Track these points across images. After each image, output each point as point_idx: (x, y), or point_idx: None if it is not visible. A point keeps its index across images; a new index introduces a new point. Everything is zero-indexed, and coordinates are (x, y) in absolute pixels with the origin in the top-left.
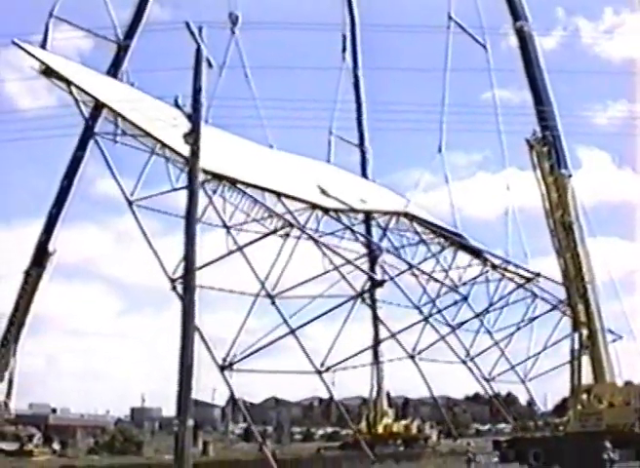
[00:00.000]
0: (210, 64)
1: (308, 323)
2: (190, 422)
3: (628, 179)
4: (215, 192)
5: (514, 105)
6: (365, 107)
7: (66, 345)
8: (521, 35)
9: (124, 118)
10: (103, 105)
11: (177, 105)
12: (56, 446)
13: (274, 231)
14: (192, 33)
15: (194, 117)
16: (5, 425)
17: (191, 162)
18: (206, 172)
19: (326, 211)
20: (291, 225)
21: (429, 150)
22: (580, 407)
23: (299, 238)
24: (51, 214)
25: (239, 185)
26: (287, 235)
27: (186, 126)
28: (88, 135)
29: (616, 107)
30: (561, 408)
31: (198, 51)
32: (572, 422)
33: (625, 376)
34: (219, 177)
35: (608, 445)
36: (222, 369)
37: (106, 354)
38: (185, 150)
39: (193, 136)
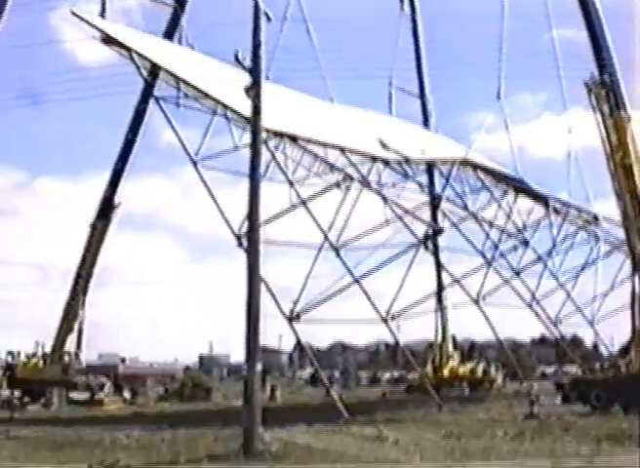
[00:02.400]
0: (268, 18)
1: (372, 272)
2: (259, 367)
3: None
4: (276, 149)
5: (578, 44)
6: (424, 57)
7: (133, 295)
8: None
9: (185, 82)
10: (164, 70)
11: (237, 60)
12: (126, 394)
13: (336, 185)
14: None
15: (255, 71)
16: (76, 375)
17: (253, 116)
18: (267, 130)
19: (386, 162)
20: (351, 178)
21: (492, 94)
22: None
23: (360, 190)
24: (116, 168)
25: (300, 141)
26: (348, 188)
27: (248, 83)
28: (150, 99)
29: None
30: (627, 350)
31: (256, 5)
32: (633, 363)
33: None
34: (279, 135)
35: None
36: (290, 319)
37: (173, 303)
38: (245, 109)
39: (254, 91)
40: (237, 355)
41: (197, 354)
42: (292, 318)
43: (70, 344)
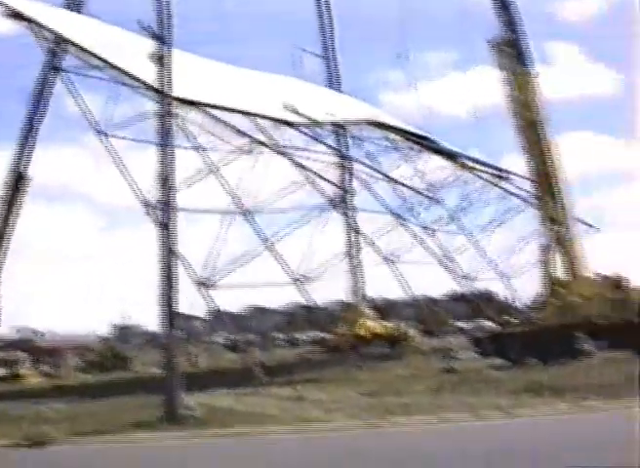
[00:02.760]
0: None
1: (283, 235)
2: (178, 333)
3: (602, 73)
4: (181, 116)
5: (485, 2)
6: (329, 18)
7: (47, 267)
8: None
9: (89, 52)
10: (68, 41)
11: (142, 28)
12: (46, 367)
13: (244, 150)
14: None
15: (161, 38)
16: None
17: (160, 83)
18: (175, 98)
19: (292, 126)
20: (259, 143)
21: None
22: (554, 300)
23: (269, 154)
24: (23, 139)
25: (205, 108)
26: (255, 152)
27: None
28: (54, 70)
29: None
30: (540, 303)
31: None
32: (547, 316)
33: (597, 270)
34: (183, 102)
35: (583, 336)
36: (201, 286)
37: (88, 274)
38: (150, 77)
39: (160, 57)
40: (154, 324)
41: (113, 324)
42: (204, 284)
43: None
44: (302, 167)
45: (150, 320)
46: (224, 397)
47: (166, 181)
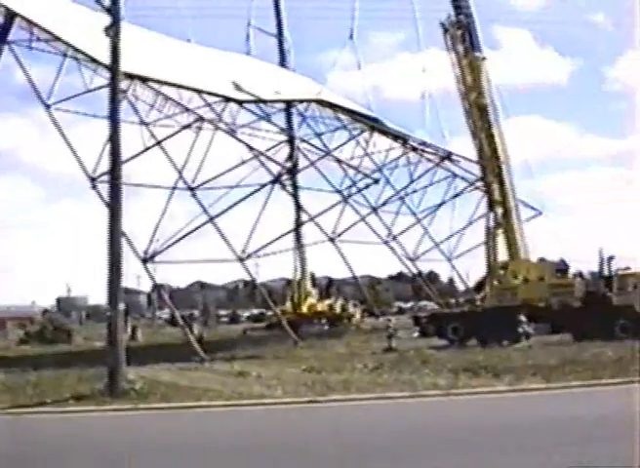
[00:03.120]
0: None
1: (226, 210)
2: (121, 308)
3: (550, 58)
4: (128, 90)
5: None
6: None
7: None
8: None
9: (36, 25)
10: (16, 14)
11: (97, 1)
12: None
13: (187, 126)
14: None
15: (113, 11)
16: None
17: (112, 56)
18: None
19: (239, 102)
20: (203, 119)
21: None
22: (496, 282)
23: (214, 131)
24: None
25: (150, 83)
26: (199, 128)
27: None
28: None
29: None
30: (482, 285)
31: None
32: (488, 298)
33: (539, 254)
34: (129, 76)
35: (523, 318)
36: (145, 261)
37: (29, 245)
38: (95, 51)
39: (113, 30)
40: (95, 297)
41: (54, 297)
42: (146, 259)
43: None
44: (246, 144)
45: (92, 293)
46: (166, 371)
47: (114, 156)
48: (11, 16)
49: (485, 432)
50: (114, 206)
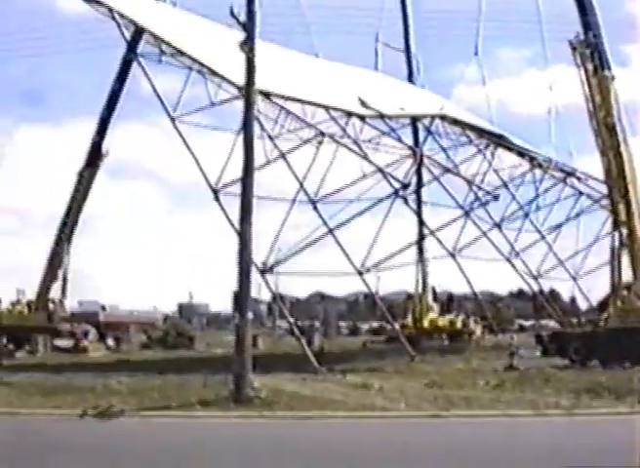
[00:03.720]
0: None
1: (345, 222)
2: (250, 316)
3: None
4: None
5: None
6: (410, 11)
7: (114, 243)
8: None
9: (162, 40)
10: (143, 28)
11: (232, 15)
12: (110, 342)
13: (308, 140)
14: None
15: (249, 26)
16: (60, 323)
17: (247, 71)
18: (239, 86)
19: (361, 118)
20: (323, 134)
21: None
22: (619, 303)
23: (337, 146)
24: (103, 117)
25: (273, 98)
26: (320, 143)
27: (233, 41)
28: (131, 56)
29: None
30: (604, 304)
31: None
32: (612, 318)
33: None
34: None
35: None
36: (263, 272)
37: (153, 252)
38: (220, 66)
39: (248, 45)
40: (216, 304)
41: (176, 303)
42: (264, 270)
43: (55, 292)
44: (367, 159)
45: (213, 300)
46: (289, 381)
47: (247, 169)
48: (139, 31)
49: (607, 452)
50: (244, 217)
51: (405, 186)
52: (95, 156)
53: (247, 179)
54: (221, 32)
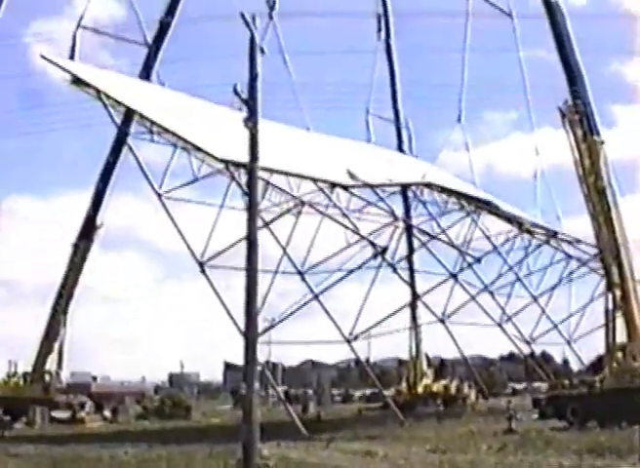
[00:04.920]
0: (262, 51)
1: (329, 288)
2: (257, 386)
3: None
4: (233, 178)
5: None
6: (399, 83)
7: (101, 313)
8: (549, 7)
9: (149, 119)
10: (131, 109)
11: (235, 93)
12: (107, 413)
13: (288, 210)
14: (247, 22)
15: (252, 103)
16: (57, 394)
17: (251, 147)
18: (222, 160)
19: (345, 188)
20: (303, 204)
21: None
22: (615, 364)
23: (322, 216)
24: (98, 189)
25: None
26: (299, 212)
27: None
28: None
29: None
30: (596, 366)
31: (252, 38)
32: (607, 379)
33: None
34: (235, 164)
35: None
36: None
37: (143, 322)
38: (203, 143)
39: (252, 122)
40: (206, 373)
41: (166, 372)
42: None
43: (51, 363)
44: (347, 227)
45: (203, 369)
46: (292, 449)
47: (251, 245)
48: (128, 111)
49: None
50: (250, 288)
51: (384, 250)
52: (89, 228)
53: (252, 256)
54: (210, 109)
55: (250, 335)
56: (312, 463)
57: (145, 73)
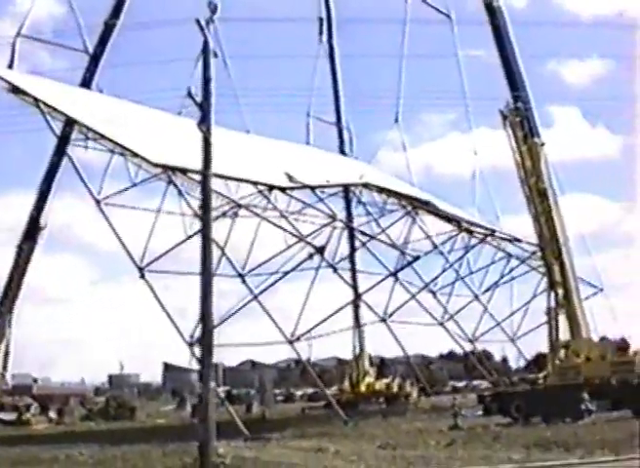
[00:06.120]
0: (215, 55)
1: (267, 288)
2: (212, 384)
3: (600, 136)
4: (170, 182)
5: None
6: (341, 85)
7: (38, 314)
8: (491, 10)
9: (83, 125)
10: (68, 117)
11: (189, 96)
12: (52, 414)
13: (224, 213)
14: (201, 27)
15: (206, 106)
16: (2, 396)
17: (204, 150)
18: (157, 164)
19: (282, 190)
20: (240, 206)
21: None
22: (558, 361)
23: (260, 219)
24: (42, 190)
25: (190, 174)
26: (236, 214)
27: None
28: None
29: (587, 64)
30: (534, 364)
31: (205, 42)
32: (551, 376)
33: (600, 332)
34: (169, 168)
35: (586, 396)
36: (191, 345)
37: (80, 323)
38: (138, 148)
39: (205, 125)
40: (147, 374)
41: (105, 373)
42: (192, 343)
43: None
44: (283, 229)
45: (142, 370)
46: (243, 447)
47: (206, 249)
48: (70, 121)
49: None
50: (205, 292)
51: (320, 250)
52: (33, 229)
53: (207, 259)
54: (148, 115)
55: (205, 337)
56: (267, 461)
57: (88, 78)
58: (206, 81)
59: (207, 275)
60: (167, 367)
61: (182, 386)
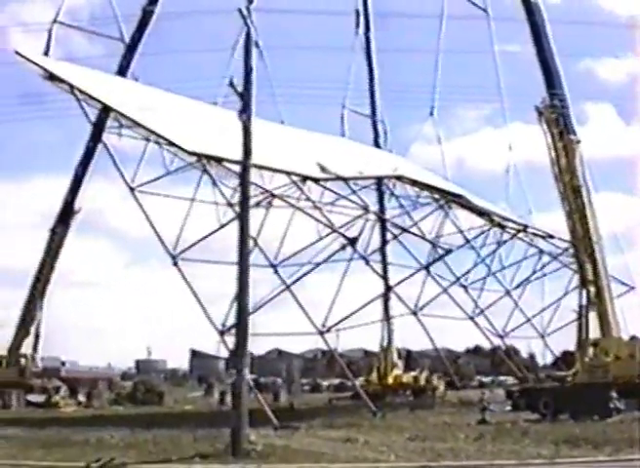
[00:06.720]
0: (257, 45)
1: (300, 279)
2: (246, 372)
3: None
4: (204, 171)
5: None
6: (376, 80)
7: (68, 299)
8: (528, 7)
9: (119, 113)
10: (104, 104)
11: (231, 86)
12: (81, 397)
13: (258, 203)
14: (243, 17)
15: (246, 96)
16: (32, 378)
17: (245, 140)
18: (193, 153)
19: (316, 181)
20: (274, 196)
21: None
22: (587, 359)
23: (294, 209)
24: (77, 174)
25: (225, 163)
26: (270, 204)
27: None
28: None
29: (622, 62)
30: (561, 361)
31: (248, 33)
32: (580, 374)
33: (630, 331)
34: (205, 157)
35: (614, 395)
36: (222, 333)
37: (108, 307)
38: (174, 136)
39: (246, 114)
40: (174, 360)
41: (132, 359)
42: (223, 331)
43: (27, 347)
44: (317, 219)
45: (169, 356)
46: (274, 435)
47: (244, 236)
48: (105, 108)
49: None
50: (242, 282)
51: (353, 241)
52: (67, 213)
53: (243, 249)
54: (184, 104)
55: (241, 326)
56: (297, 449)
57: (125, 65)
58: (247, 71)
59: (244, 265)
60: (194, 353)
61: (209, 373)
